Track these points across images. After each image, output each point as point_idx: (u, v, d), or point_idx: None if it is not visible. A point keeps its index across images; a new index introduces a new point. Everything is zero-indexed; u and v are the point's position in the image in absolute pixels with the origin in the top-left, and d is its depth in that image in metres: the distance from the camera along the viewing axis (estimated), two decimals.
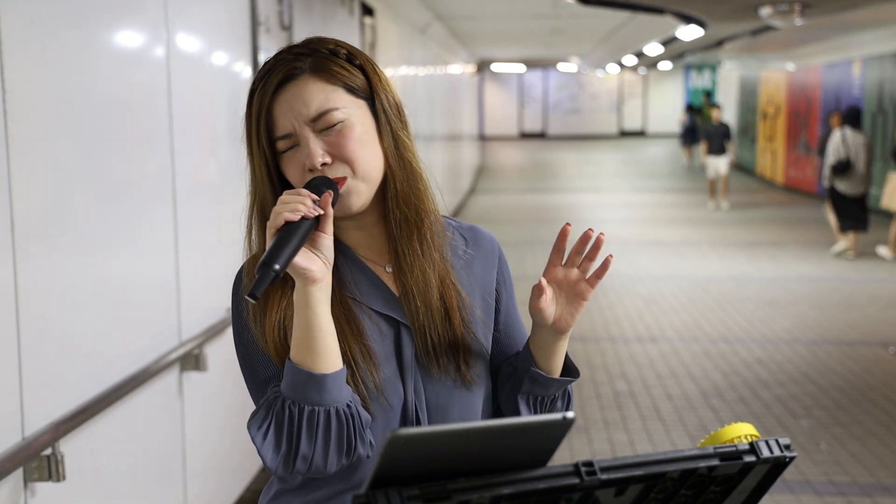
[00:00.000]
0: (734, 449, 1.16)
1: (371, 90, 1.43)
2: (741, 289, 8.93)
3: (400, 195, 1.43)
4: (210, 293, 3.69)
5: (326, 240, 1.33)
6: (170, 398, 3.33)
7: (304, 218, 1.29)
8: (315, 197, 1.32)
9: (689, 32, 12.61)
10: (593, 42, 18.27)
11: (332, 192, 1.34)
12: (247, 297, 1.25)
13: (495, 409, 1.54)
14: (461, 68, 19.24)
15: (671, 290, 8.90)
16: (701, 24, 11.45)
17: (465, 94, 20.49)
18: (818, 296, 8.64)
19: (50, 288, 2.50)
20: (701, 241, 11.79)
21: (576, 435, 5.06)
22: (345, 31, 6.65)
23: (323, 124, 1.38)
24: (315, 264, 1.31)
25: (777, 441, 1.18)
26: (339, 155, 1.39)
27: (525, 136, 33.88)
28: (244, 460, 4.15)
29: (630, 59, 22.65)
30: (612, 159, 25.40)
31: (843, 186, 10.39)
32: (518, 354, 1.52)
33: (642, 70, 32.01)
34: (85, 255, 2.70)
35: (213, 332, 3.54)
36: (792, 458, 1.18)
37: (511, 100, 33.96)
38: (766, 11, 9.27)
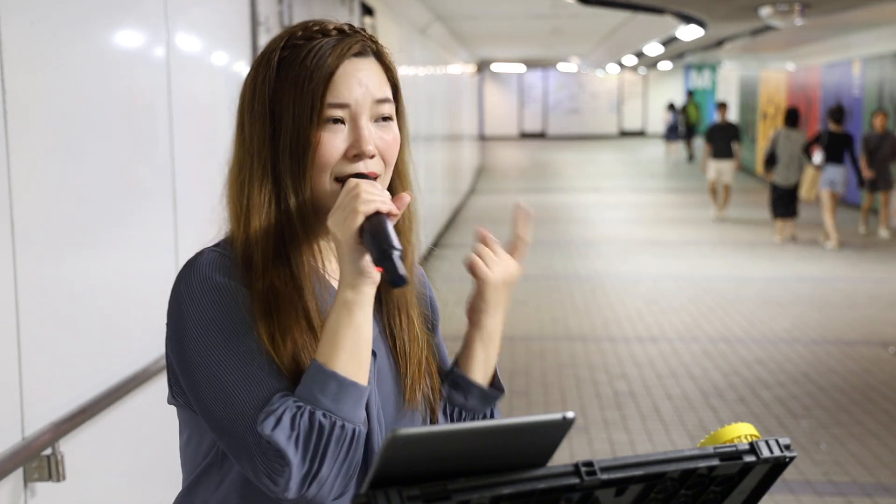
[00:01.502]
0: (734, 449, 1.16)
1: (396, 97, 1.35)
2: (741, 289, 8.94)
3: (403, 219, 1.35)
4: None
5: None
6: None
7: (377, 213, 1.21)
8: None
9: (689, 32, 12.61)
10: (593, 42, 18.26)
11: (409, 194, 1.28)
12: (396, 286, 1.17)
13: None
14: (461, 68, 19.24)
15: (671, 290, 8.90)
16: (701, 24, 11.45)
17: (465, 94, 20.49)
18: (818, 296, 8.64)
19: (50, 288, 2.50)
20: (701, 241, 11.79)
21: (576, 435, 5.06)
22: None
23: (379, 112, 1.30)
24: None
25: (777, 441, 1.18)
26: (383, 152, 1.30)
27: (525, 136, 33.89)
28: None
29: (630, 59, 22.66)
30: (612, 159, 25.41)
31: (778, 179, 11.54)
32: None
33: (642, 70, 32.02)
34: (85, 254, 2.70)
35: None
36: (792, 458, 1.18)
37: (511, 100, 33.97)
38: (766, 11, 9.28)
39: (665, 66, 28.85)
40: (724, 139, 13.80)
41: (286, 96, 1.27)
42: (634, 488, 1.12)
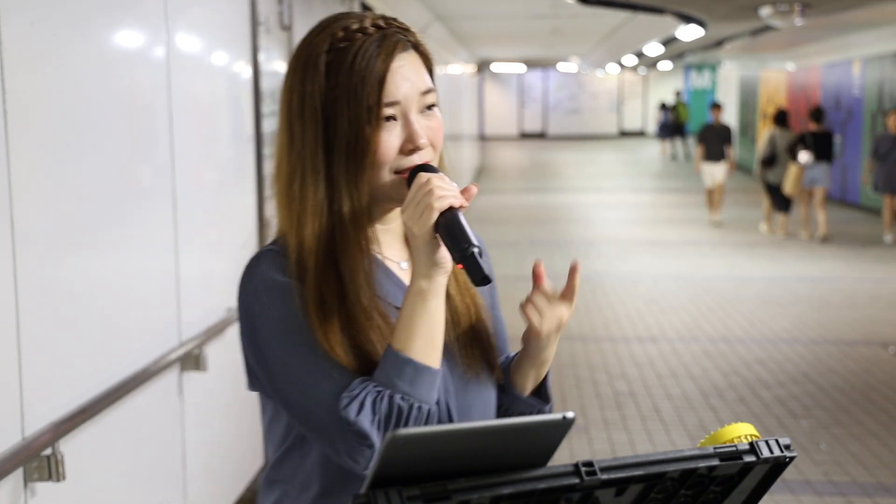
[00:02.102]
0: (734, 449, 1.16)
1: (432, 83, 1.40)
2: (741, 289, 8.94)
3: None
4: (210, 293, 3.69)
5: None
6: (170, 398, 3.33)
7: (450, 207, 1.28)
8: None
9: (689, 32, 12.61)
10: (593, 42, 18.27)
11: (476, 186, 1.35)
12: (479, 285, 1.24)
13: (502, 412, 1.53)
14: (461, 68, 19.24)
15: (671, 290, 8.90)
16: (701, 24, 11.45)
17: (465, 94, 20.49)
18: (818, 296, 8.64)
19: (50, 288, 2.50)
20: (701, 241, 11.79)
21: (576, 435, 5.06)
22: None
23: (425, 102, 1.35)
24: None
25: (777, 441, 1.18)
26: (431, 139, 1.36)
27: (525, 136, 33.88)
28: (244, 460, 4.15)
29: (630, 59, 22.66)
30: (612, 159, 25.41)
31: (771, 177, 12.00)
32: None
33: (642, 70, 32.02)
34: (85, 254, 2.70)
35: (213, 332, 3.54)
36: (792, 458, 1.18)
37: (511, 100, 33.96)
38: (766, 11, 9.28)
39: (665, 66, 28.85)
40: (717, 141, 13.25)
41: (340, 101, 1.30)
42: (634, 488, 1.12)
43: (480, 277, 1.24)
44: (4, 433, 2.27)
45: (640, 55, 20.19)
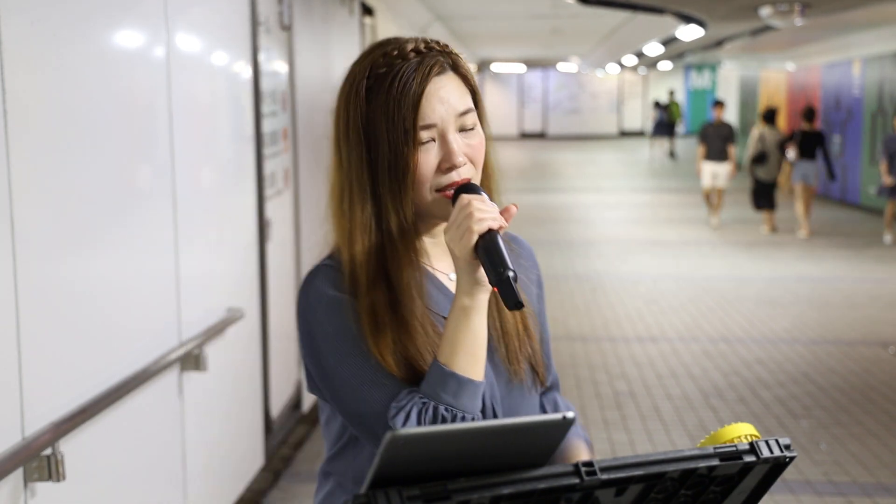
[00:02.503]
0: (734, 449, 1.16)
1: (475, 99, 1.46)
2: (741, 289, 8.94)
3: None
4: (210, 293, 3.69)
5: None
6: (170, 398, 3.33)
7: (489, 230, 1.33)
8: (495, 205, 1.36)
9: (689, 32, 12.61)
10: (593, 42, 18.28)
11: (516, 206, 1.39)
12: (511, 309, 1.28)
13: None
14: None
15: (671, 290, 8.90)
16: (701, 24, 11.45)
17: None
18: (818, 296, 8.64)
19: (50, 288, 2.50)
20: (701, 241, 11.79)
21: None
22: (345, 31, 6.65)
23: (463, 123, 1.41)
24: None
25: (777, 441, 1.18)
26: (471, 156, 1.41)
27: (525, 136, 33.89)
28: (244, 460, 4.15)
29: (630, 59, 22.67)
30: (612, 159, 25.42)
31: (761, 174, 12.35)
32: None
33: (642, 70, 32.02)
34: (85, 254, 2.70)
35: (213, 332, 3.54)
36: (792, 458, 1.18)
37: (511, 100, 33.96)
38: (766, 11, 9.28)
39: (665, 66, 28.85)
40: (719, 140, 12.80)
41: (379, 125, 1.38)
42: (634, 488, 1.12)
43: (514, 303, 1.28)
44: (4, 433, 2.27)
45: (640, 55, 20.20)
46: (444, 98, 1.39)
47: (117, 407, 2.82)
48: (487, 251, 1.31)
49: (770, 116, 12.52)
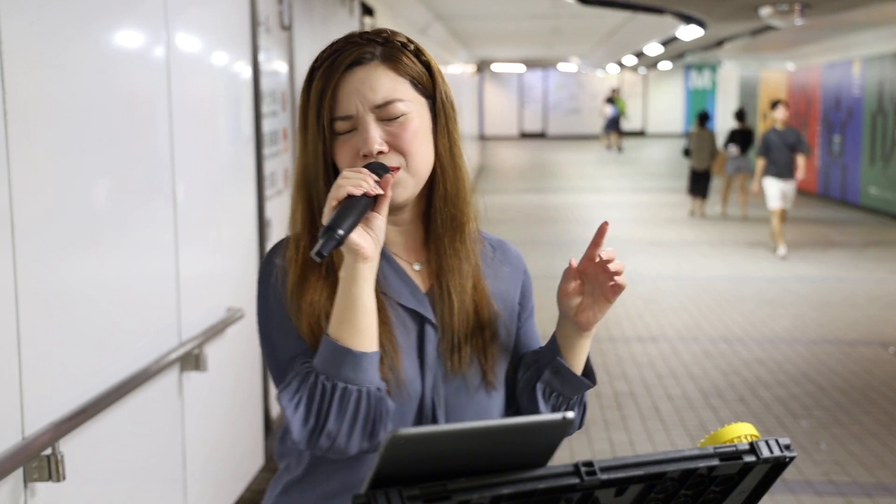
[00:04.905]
0: (734, 449, 1.16)
1: (433, 88, 1.47)
2: (741, 289, 8.94)
3: (449, 194, 1.48)
4: (210, 293, 3.69)
5: (380, 221, 1.37)
6: (170, 398, 3.33)
7: (364, 195, 1.33)
8: (375, 177, 1.36)
9: (689, 32, 12.61)
10: (593, 42, 18.28)
11: (393, 175, 1.39)
12: (314, 255, 1.29)
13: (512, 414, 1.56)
14: (461, 68, 19.24)
15: (671, 290, 8.90)
16: (701, 24, 11.45)
17: (465, 94, 20.49)
18: (818, 296, 8.64)
19: (50, 288, 2.50)
20: (700, 241, 11.79)
21: (576, 435, 5.05)
22: (345, 31, 6.64)
23: (386, 114, 1.41)
24: (367, 242, 1.34)
25: (777, 441, 1.18)
26: (396, 145, 1.42)
27: (525, 136, 33.87)
28: (244, 460, 4.15)
29: (630, 59, 22.66)
30: (612, 159, 25.41)
31: (693, 163, 14.10)
32: (542, 347, 1.55)
33: (642, 70, 32.00)
34: (85, 254, 2.70)
35: (213, 332, 3.54)
36: (792, 458, 1.18)
37: (511, 100, 33.95)
38: (766, 11, 9.28)
39: (665, 66, 28.84)
40: (786, 149, 10.44)
41: (309, 117, 1.44)
42: (634, 488, 1.12)
43: (315, 252, 1.29)
44: (4, 433, 2.27)
45: (640, 55, 20.19)
46: (358, 89, 1.40)
47: (117, 407, 2.82)
48: (338, 212, 1.32)
49: (703, 119, 14.40)
